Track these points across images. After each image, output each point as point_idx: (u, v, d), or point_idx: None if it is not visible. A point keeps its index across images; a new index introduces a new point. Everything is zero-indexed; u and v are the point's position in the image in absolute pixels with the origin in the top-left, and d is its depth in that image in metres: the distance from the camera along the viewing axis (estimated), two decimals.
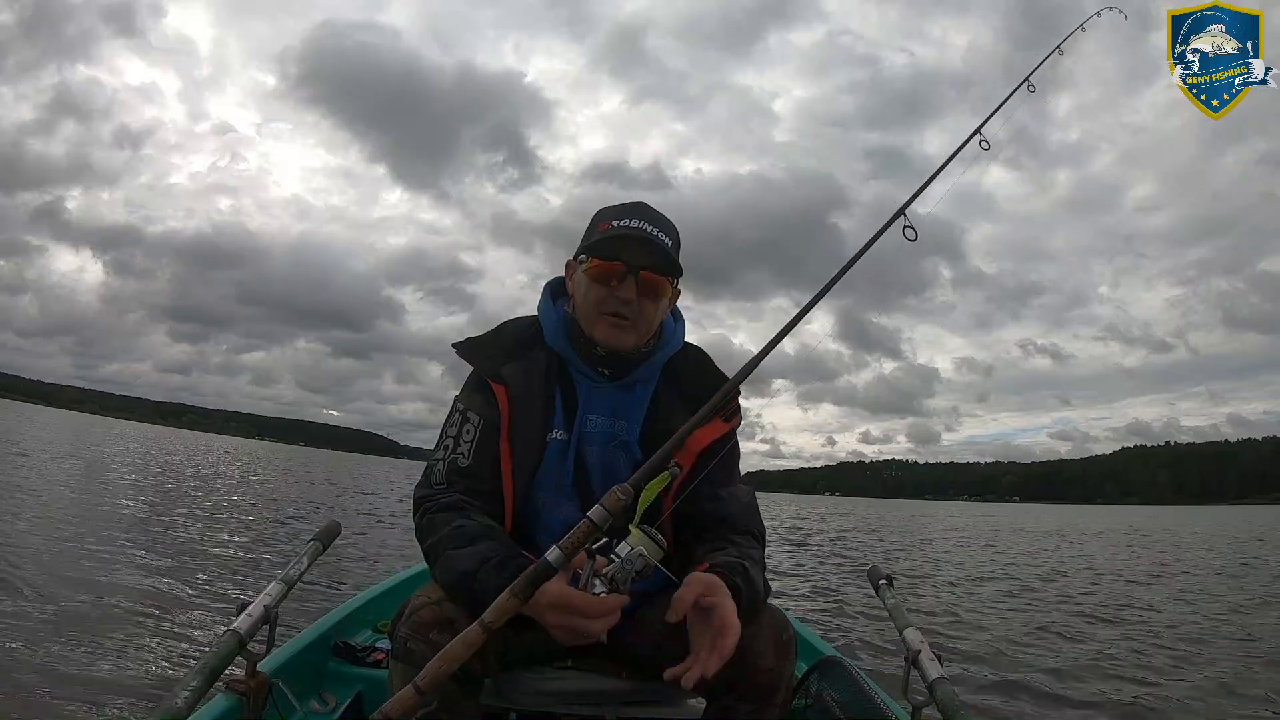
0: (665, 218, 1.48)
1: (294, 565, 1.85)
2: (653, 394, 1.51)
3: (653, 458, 1.14)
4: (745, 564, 1.27)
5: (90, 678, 3.16)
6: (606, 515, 1.08)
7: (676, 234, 1.49)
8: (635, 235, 1.42)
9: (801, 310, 1.33)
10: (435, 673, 1.02)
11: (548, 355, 1.50)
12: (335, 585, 5.53)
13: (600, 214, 1.50)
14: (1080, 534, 24.83)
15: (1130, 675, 4.74)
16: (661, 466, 1.14)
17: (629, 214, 1.45)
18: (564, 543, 1.07)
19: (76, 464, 16.83)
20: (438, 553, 1.29)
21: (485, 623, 1.04)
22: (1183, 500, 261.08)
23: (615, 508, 1.08)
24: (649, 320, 1.46)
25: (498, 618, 1.04)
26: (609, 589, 1.11)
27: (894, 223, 1.45)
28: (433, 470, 1.43)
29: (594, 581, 1.11)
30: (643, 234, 1.42)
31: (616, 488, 1.10)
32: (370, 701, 1.89)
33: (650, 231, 1.43)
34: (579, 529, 1.08)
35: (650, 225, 1.44)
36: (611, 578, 1.11)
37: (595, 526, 1.08)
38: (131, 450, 28.91)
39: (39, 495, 9.50)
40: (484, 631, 1.04)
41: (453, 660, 1.02)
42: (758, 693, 1.27)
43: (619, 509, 1.09)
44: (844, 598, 7.17)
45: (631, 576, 1.11)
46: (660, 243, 1.43)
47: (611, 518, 1.08)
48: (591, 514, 1.08)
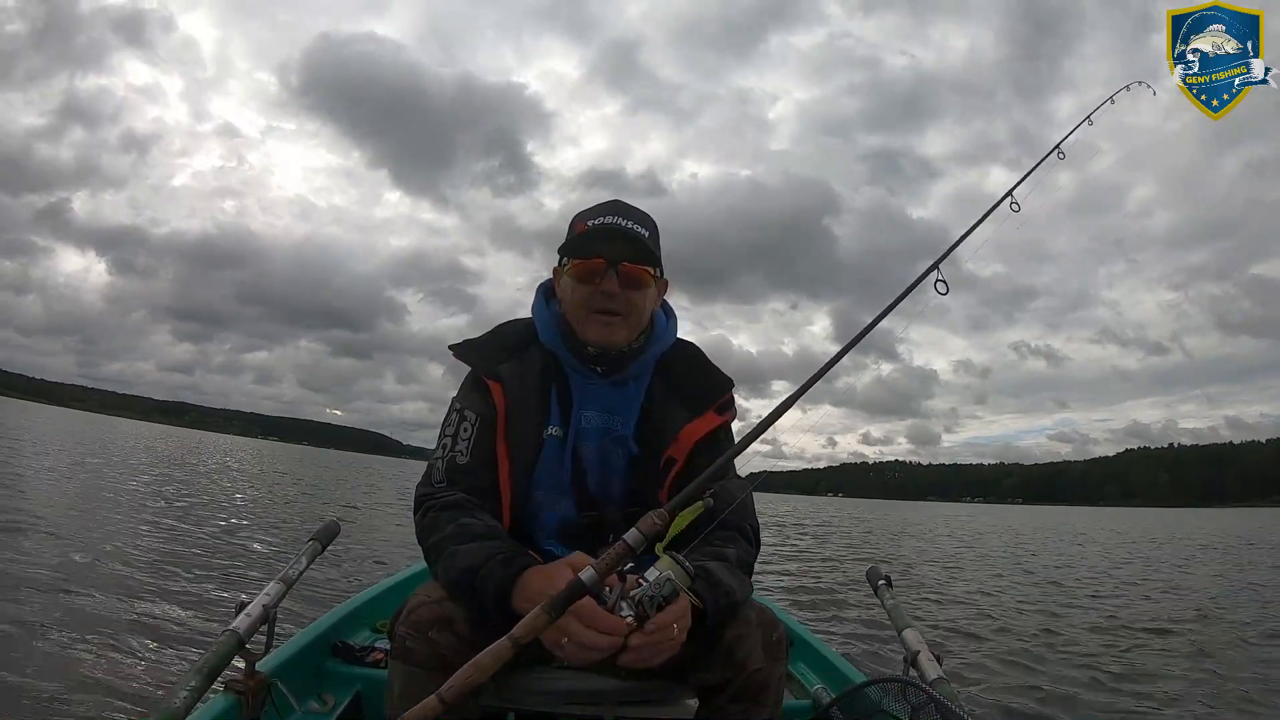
0: (640, 210, 1.50)
1: (293, 565, 1.85)
2: (647, 389, 1.52)
3: (689, 486, 1.12)
4: (709, 566, 1.24)
5: (89, 677, 3.16)
6: (642, 539, 1.06)
7: (654, 225, 1.51)
8: (611, 230, 1.44)
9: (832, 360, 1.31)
10: (462, 682, 0.98)
11: (543, 354, 1.51)
12: (334, 585, 5.54)
13: (577, 216, 1.52)
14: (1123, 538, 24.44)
15: (1132, 676, 4.74)
16: (697, 496, 1.11)
17: (603, 212, 1.48)
18: (598, 563, 1.06)
19: (76, 462, 16.84)
20: (440, 550, 1.29)
21: (515, 637, 1.01)
22: (1184, 502, 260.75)
23: (651, 532, 1.07)
24: (638, 313, 1.47)
25: (527, 633, 1.02)
26: (636, 612, 1.09)
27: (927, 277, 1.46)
28: (433, 469, 1.44)
29: (621, 605, 1.09)
30: (618, 228, 1.44)
31: (653, 512, 1.08)
32: (369, 701, 1.89)
33: (625, 225, 1.45)
34: (613, 550, 1.06)
35: (624, 219, 1.46)
36: (639, 600, 1.09)
37: (630, 549, 1.06)
38: (131, 449, 28.95)
39: (39, 494, 9.52)
40: (513, 646, 1.01)
41: (482, 671, 1.00)
42: (748, 692, 1.27)
43: (654, 533, 1.07)
44: (842, 598, 7.17)
45: (659, 602, 1.09)
46: (636, 234, 1.45)
47: (646, 541, 1.07)
48: (627, 537, 1.06)
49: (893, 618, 1.98)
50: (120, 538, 6.88)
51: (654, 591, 1.09)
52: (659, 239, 1.52)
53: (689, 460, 1.45)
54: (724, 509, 1.33)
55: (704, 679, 1.29)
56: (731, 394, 1.54)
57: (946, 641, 5.46)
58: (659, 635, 1.10)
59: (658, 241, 1.51)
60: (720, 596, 1.22)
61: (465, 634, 1.20)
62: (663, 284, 1.54)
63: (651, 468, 1.46)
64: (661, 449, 1.46)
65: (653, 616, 1.09)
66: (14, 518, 7.16)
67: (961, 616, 6.73)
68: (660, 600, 1.09)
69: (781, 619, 1.52)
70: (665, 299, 1.60)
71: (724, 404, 1.52)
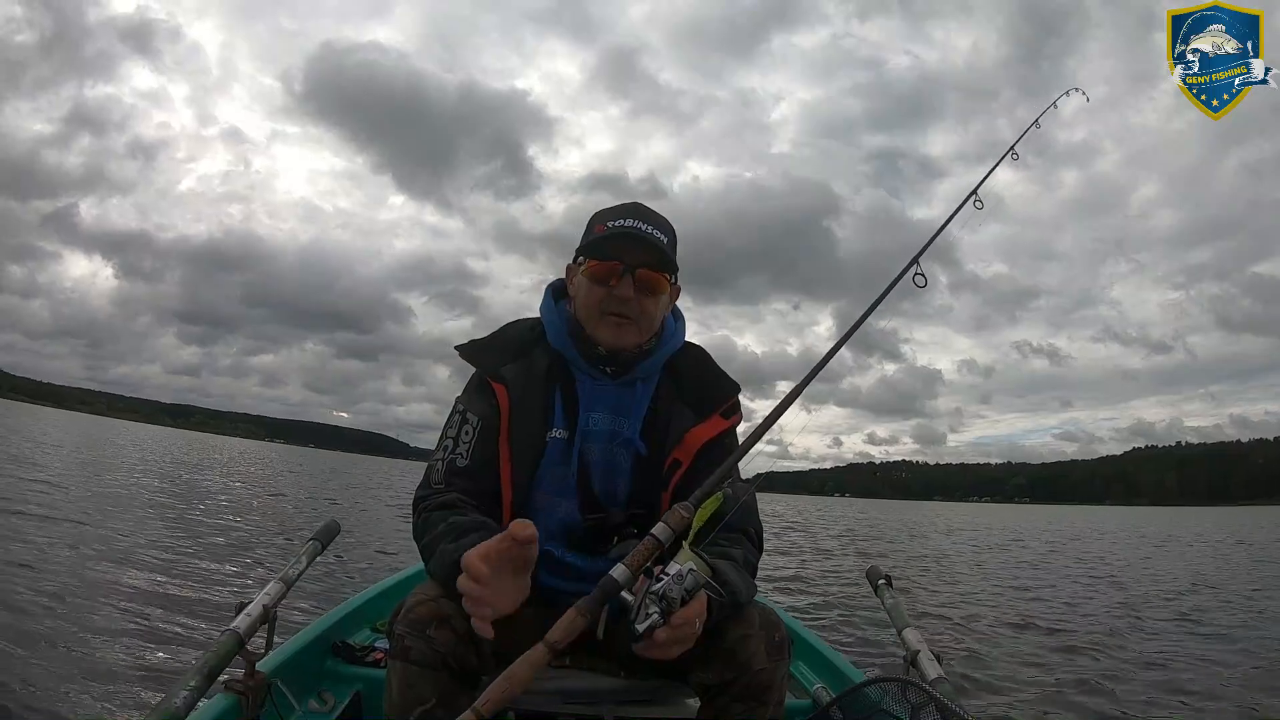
0: (660, 215, 1.50)
1: (293, 565, 1.86)
2: (654, 391, 1.52)
3: (710, 479, 1.14)
4: (717, 565, 1.24)
5: (89, 677, 3.17)
6: (670, 533, 1.07)
7: (673, 231, 1.51)
8: (630, 234, 1.44)
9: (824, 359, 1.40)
10: (500, 695, 0.96)
11: (549, 355, 1.51)
12: (334, 585, 5.54)
13: (596, 216, 1.52)
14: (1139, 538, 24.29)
15: (1132, 677, 4.72)
16: (716, 488, 1.14)
17: (624, 214, 1.47)
18: (629, 560, 1.06)
19: (79, 464, 16.91)
20: (432, 548, 1.29)
21: (550, 642, 1.01)
22: (1191, 501, 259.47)
23: (679, 525, 1.07)
24: (650, 318, 1.48)
25: (563, 637, 1.01)
26: (662, 607, 1.08)
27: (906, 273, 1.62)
28: (432, 471, 1.44)
29: (648, 601, 1.08)
30: (638, 232, 1.44)
31: (679, 505, 1.09)
32: (369, 701, 1.90)
33: (645, 230, 1.45)
34: (643, 546, 1.06)
35: (645, 224, 1.46)
36: (663, 595, 1.08)
37: (660, 544, 1.06)
38: (135, 451, 29.04)
39: (41, 495, 9.54)
40: (549, 651, 1.00)
41: (519, 683, 0.98)
42: (751, 693, 1.27)
43: (683, 527, 1.08)
44: (842, 597, 7.16)
45: (683, 595, 1.09)
46: (655, 240, 1.45)
47: (675, 535, 1.07)
48: (655, 531, 1.07)
49: (893, 617, 1.98)
50: (121, 538, 6.90)
51: (678, 585, 1.09)
52: (677, 245, 1.52)
53: (694, 463, 1.45)
54: (729, 510, 1.33)
55: (706, 679, 1.29)
56: (738, 398, 1.54)
57: (947, 641, 5.44)
58: (685, 630, 1.10)
59: (675, 248, 1.51)
60: (727, 595, 1.22)
61: (463, 631, 1.19)
62: (675, 290, 1.55)
63: (656, 470, 1.46)
64: (667, 452, 1.46)
65: (677, 610, 1.09)
66: (15, 517, 7.20)
67: (962, 616, 6.70)
68: (685, 594, 1.10)
69: (782, 619, 1.53)
70: (674, 303, 1.60)
71: (730, 408, 1.52)
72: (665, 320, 1.55)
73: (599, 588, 1.05)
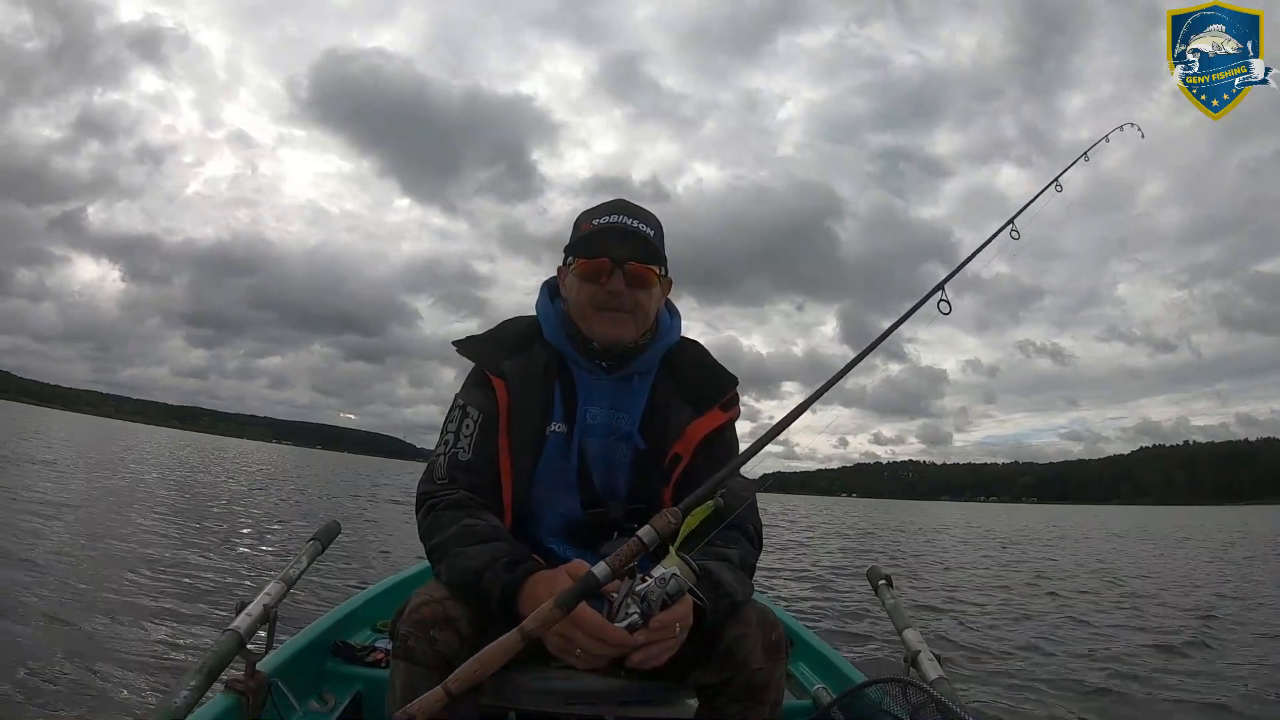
0: (645, 209, 1.51)
1: (293, 564, 1.86)
2: (652, 386, 1.52)
3: (702, 487, 1.14)
4: (710, 566, 1.24)
5: (89, 677, 3.19)
6: (656, 536, 1.08)
7: (658, 224, 1.52)
8: (617, 229, 1.45)
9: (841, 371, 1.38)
10: (468, 676, 0.99)
11: (547, 350, 1.51)
12: (335, 585, 5.55)
13: (582, 215, 1.53)
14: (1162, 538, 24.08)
15: (1134, 678, 4.70)
16: (708, 495, 1.14)
17: (608, 211, 1.49)
18: (611, 559, 1.07)
19: (81, 466, 16.96)
20: (444, 550, 1.29)
21: (525, 630, 1.02)
22: (1200, 500, 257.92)
23: (665, 530, 1.08)
24: (644, 311, 1.48)
25: (538, 626, 1.03)
26: (642, 609, 1.09)
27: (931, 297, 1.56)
28: (434, 465, 1.44)
29: (629, 601, 1.10)
30: (624, 227, 1.45)
31: (667, 510, 1.10)
32: (370, 701, 1.90)
33: (631, 224, 1.46)
34: (627, 547, 1.08)
35: (630, 218, 1.47)
36: (644, 597, 1.09)
37: (644, 546, 1.08)
38: (142, 453, 29.14)
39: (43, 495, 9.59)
40: (523, 639, 1.02)
41: (487, 666, 1.00)
42: (747, 692, 1.27)
43: (669, 531, 1.09)
44: (843, 597, 7.15)
45: (664, 599, 1.10)
46: (642, 234, 1.46)
47: (660, 539, 1.08)
48: (641, 533, 1.08)
49: (893, 617, 1.98)
50: (123, 538, 6.94)
51: (659, 589, 1.09)
52: (664, 238, 1.53)
53: (694, 457, 1.45)
54: (732, 509, 1.33)
55: (704, 679, 1.29)
56: (736, 391, 1.54)
57: (947, 641, 5.43)
58: (662, 634, 1.10)
59: (662, 240, 1.52)
60: (721, 596, 1.22)
61: (468, 633, 1.20)
62: (667, 283, 1.55)
63: (657, 464, 1.46)
64: (667, 446, 1.46)
65: (656, 614, 1.09)
66: (17, 518, 7.24)
67: (962, 616, 6.69)
68: (665, 598, 1.10)
69: (782, 619, 1.52)
70: (668, 298, 1.60)
71: (729, 401, 1.52)
72: (661, 315, 1.56)
73: (578, 582, 1.06)
